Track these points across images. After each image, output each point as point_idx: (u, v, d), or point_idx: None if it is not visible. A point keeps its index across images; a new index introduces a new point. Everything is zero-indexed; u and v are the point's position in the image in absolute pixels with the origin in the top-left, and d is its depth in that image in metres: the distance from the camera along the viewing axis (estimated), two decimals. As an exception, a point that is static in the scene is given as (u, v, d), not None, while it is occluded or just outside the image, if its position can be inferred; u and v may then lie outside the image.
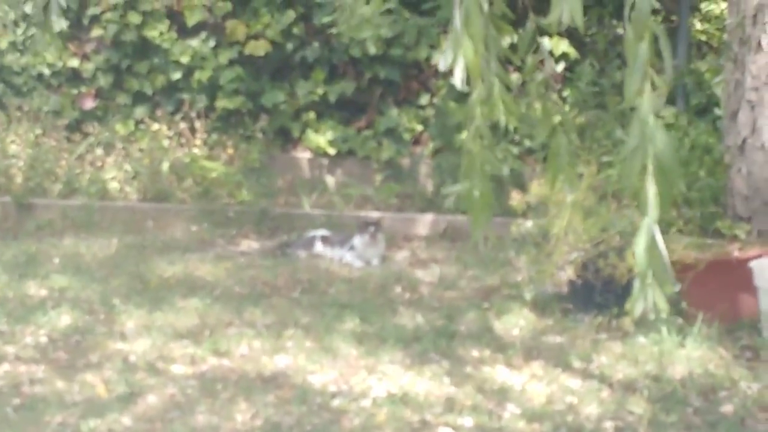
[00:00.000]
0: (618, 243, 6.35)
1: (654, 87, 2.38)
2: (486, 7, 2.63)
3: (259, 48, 9.77)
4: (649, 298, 2.42)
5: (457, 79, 2.56)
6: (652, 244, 2.42)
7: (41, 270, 7.31)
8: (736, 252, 6.41)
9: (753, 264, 6.17)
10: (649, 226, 2.41)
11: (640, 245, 2.42)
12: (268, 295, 6.94)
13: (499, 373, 5.63)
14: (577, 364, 5.76)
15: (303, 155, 9.81)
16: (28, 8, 9.42)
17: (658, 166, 2.36)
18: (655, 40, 2.37)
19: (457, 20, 2.52)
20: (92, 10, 9.91)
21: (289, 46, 9.83)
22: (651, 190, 2.38)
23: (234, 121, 9.87)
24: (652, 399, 5.30)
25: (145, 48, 9.90)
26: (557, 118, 3.01)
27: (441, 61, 2.56)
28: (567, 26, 2.51)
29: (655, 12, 9.92)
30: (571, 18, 2.42)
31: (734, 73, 7.02)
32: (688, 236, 6.46)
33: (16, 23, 9.78)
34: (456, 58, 2.53)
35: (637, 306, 2.44)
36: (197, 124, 9.60)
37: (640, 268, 2.41)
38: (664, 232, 6.51)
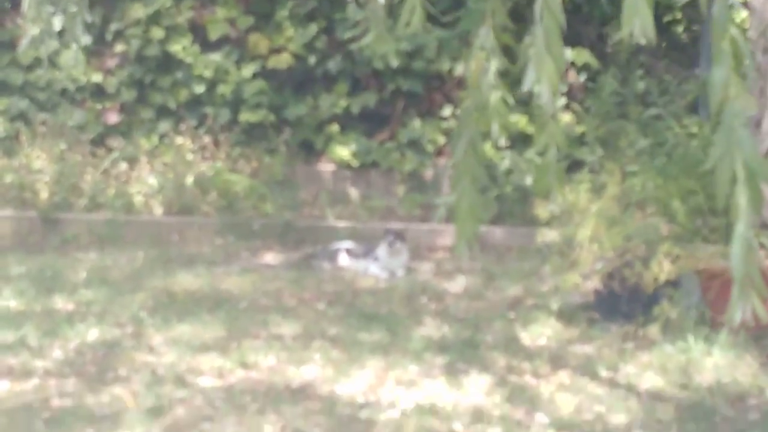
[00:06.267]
0: (643, 252, 6.34)
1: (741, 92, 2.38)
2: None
3: (281, 61, 9.81)
4: (747, 304, 2.38)
5: (545, 97, 2.56)
6: (748, 251, 2.38)
7: (68, 284, 7.34)
8: (763, 260, 6.39)
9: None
10: (744, 232, 2.37)
11: (736, 252, 2.37)
12: (294, 307, 6.96)
13: (526, 383, 5.63)
14: (604, 373, 5.76)
15: (326, 167, 9.84)
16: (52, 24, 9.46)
17: (747, 172, 2.34)
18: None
19: (539, 40, 2.53)
20: (115, 26, 9.96)
21: (312, 59, 9.87)
22: (743, 195, 2.36)
23: (257, 134, 9.90)
24: (679, 407, 5.30)
25: (168, 62, 9.95)
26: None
27: (526, 81, 2.56)
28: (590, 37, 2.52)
29: (676, 21, 9.96)
30: (644, 32, 2.41)
31: (758, 82, 7.01)
32: (713, 245, 6.44)
33: (41, 39, 9.84)
34: (541, 78, 2.54)
35: (735, 313, 2.40)
36: (221, 138, 9.65)
37: (738, 275, 2.37)
38: (688, 241, 6.47)
